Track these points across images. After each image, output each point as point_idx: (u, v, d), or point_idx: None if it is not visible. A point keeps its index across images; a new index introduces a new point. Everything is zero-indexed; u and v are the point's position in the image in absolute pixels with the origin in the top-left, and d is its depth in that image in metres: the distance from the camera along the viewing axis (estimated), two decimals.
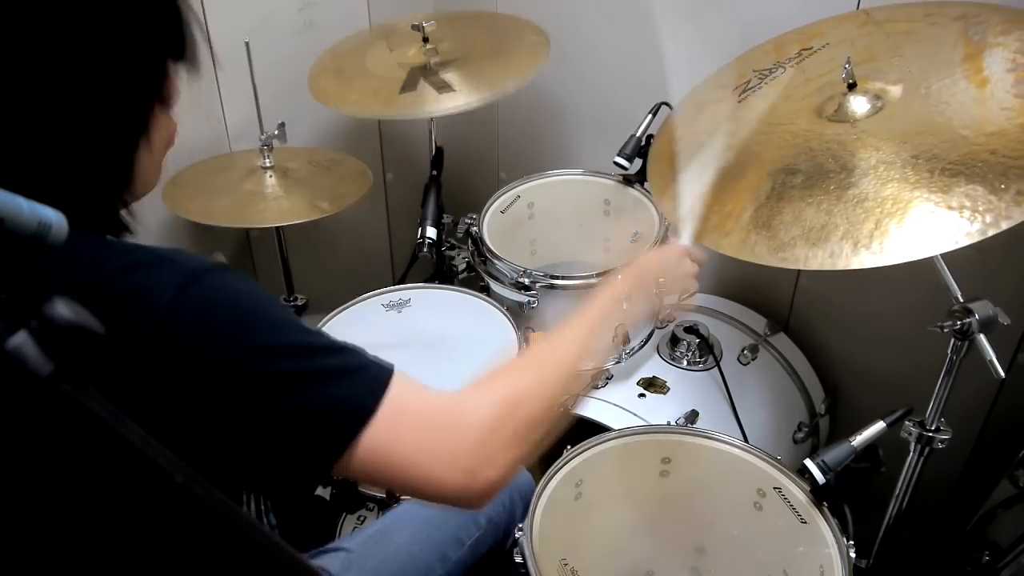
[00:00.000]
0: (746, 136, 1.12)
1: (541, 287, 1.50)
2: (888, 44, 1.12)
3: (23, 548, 0.64)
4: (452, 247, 1.85)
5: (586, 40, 1.91)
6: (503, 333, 1.48)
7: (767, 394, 1.58)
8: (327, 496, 1.48)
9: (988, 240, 0.84)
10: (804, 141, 1.05)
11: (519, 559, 1.05)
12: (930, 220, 0.88)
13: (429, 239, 1.65)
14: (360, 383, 0.67)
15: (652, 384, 1.53)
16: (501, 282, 1.55)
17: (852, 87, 1.06)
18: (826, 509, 1.12)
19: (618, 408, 1.44)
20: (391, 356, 0.70)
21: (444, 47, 1.70)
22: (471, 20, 1.86)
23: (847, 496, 1.30)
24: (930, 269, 0.98)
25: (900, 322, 1.54)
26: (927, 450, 1.09)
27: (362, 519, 1.48)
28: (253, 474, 0.69)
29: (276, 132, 1.66)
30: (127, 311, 0.61)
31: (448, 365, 1.43)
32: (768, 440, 1.49)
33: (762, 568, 1.21)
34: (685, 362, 1.58)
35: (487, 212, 1.66)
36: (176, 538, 0.53)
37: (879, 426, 1.13)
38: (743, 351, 1.62)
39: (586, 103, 2.01)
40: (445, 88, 1.58)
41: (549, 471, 1.17)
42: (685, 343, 1.59)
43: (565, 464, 1.19)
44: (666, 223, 1.51)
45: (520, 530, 1.08)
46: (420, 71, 1.63)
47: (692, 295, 1.06)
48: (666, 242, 1.12)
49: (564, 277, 1.49)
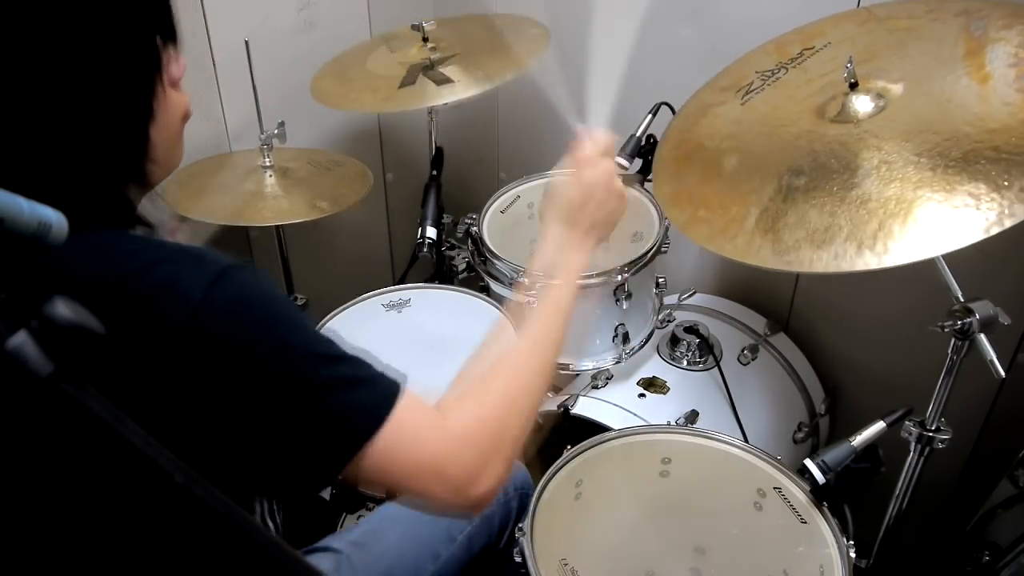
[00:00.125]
0: (748, 140, 1.12)
1: (541, 287, 1.49)
2: (889, 41, 1.11)
3: (23, 548, 0.64)
4: (452, 247, 1.85)
5: (586, 40, 1.91)
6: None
7: (767, 394, 1.58)
8: (327, 496, 1.48)
9: (989, 239, 0.83)
10: (807, 143, 1.05)
11: (519, 559, 1.05)
12: (934, 220, 0.88)
13: (429, 239, 1.65)
14: (375, 391, 0.68)
15: (652, 384, 1.53)
16: (501, 282, 1.55)
17: (854, 87, 1.06)
18: (826, 509, 1.12)
19: (618, 408, 1.44)
20: (391, 356, 0.72)
21: (444, 45, 1.70)
22: (471, 20, 1.87)
23: (847, 496, 1.30)
24: (930, 269, 0.97)
25: (900, 322, 1.54)
26: (927, 450, 1.09)
27: (362, 519, 1.47)
28: (262, 473, 0.70)
29: (276, 131, 1.66)
30: (154, 305, 0.61)
31: (448, 365, 1.39)
32: (768, 440, 1.49)
33: (762, 568, 1.21)
34: (685, 362, 1.58)
35: (487, 212, 1.66)
36: (177, 538, 0.53)
37: (879, 426, 1.13)
38: (743, 351, 1.62)
39: (586, 103, 2.00)
40: (444, 81, 1.58)
41: (549, 471, 1.17)
42: (685, 343, 1.59)
43: (565, 464, 1.19)
44: (666, 223, 1.51)
45: (520, 530, 1.08)
46: (420, 68, 1.64)
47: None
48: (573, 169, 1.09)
49: None
